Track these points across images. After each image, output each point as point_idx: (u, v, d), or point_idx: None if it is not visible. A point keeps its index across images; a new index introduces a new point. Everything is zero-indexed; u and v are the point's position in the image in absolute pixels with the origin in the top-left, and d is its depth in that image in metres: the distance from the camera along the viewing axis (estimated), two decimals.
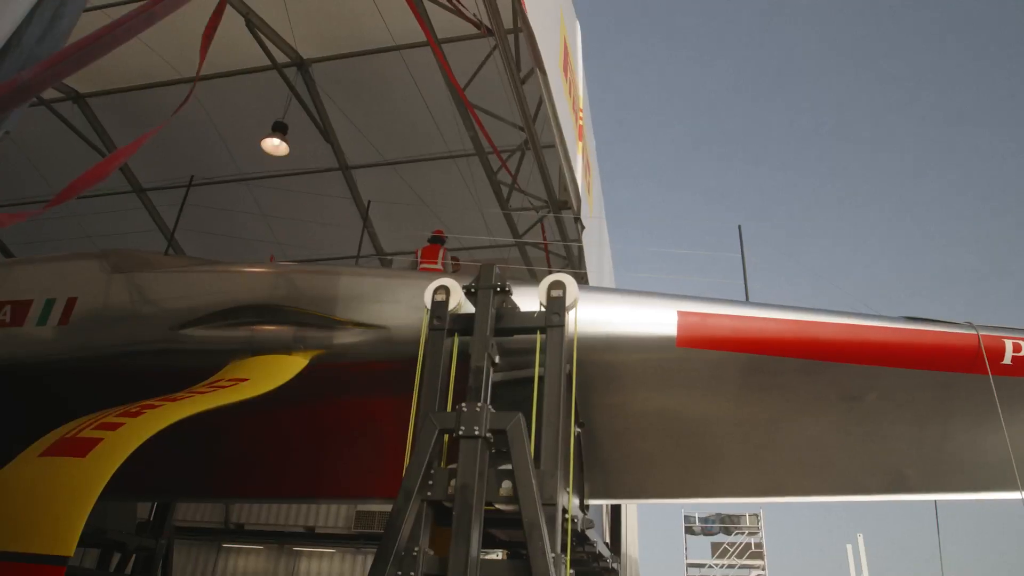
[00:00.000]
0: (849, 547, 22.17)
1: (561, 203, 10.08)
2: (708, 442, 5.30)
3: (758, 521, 22.76)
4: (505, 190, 10.60)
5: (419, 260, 8.66)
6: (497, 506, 3.81)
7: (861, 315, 4.88)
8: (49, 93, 11.13)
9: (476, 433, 3.82)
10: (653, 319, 4.91)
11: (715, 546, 22.94)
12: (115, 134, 11.94)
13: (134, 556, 7.89)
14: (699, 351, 4.79)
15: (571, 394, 4.27)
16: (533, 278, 11.26)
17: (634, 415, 5.24)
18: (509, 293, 4.51)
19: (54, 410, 5.58)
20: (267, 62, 10.04)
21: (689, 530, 23.28)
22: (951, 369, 4.63)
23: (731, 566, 22.49)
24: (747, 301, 5.28)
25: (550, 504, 3.71)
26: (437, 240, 9.36)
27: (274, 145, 10.27)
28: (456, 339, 4.45)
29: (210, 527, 15.37)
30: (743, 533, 22.78)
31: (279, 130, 10.18)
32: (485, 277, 4.46)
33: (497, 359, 4.29)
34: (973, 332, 4.72)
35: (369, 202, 9.50)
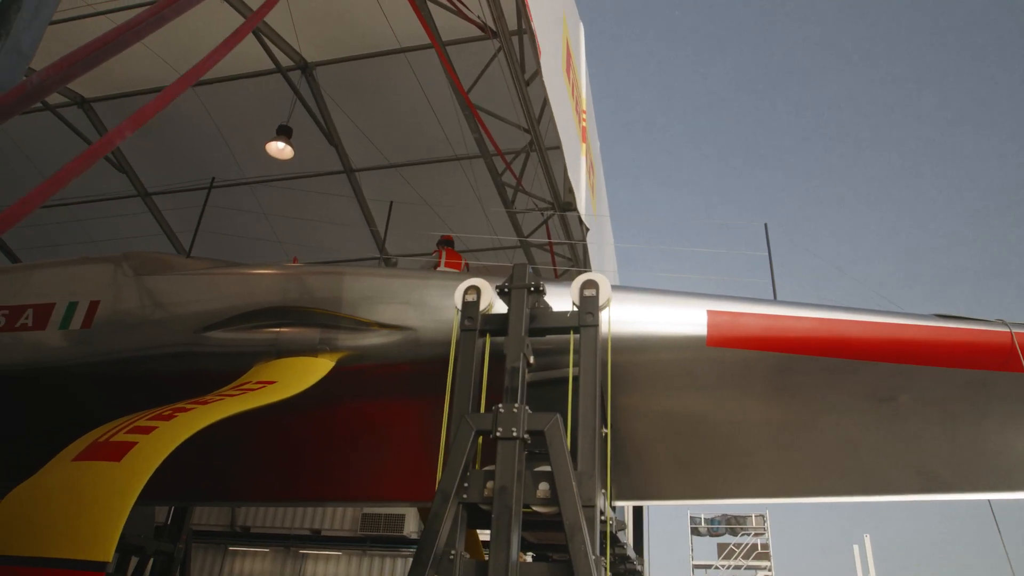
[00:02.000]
0: (856, 548, 22.13)
1: (566, 204, 10.10)
2: (736, 443, 5.24)
3: (764, 522, 22.66)
4: (510, 192, 10.61)
5: (440, 261, 8.67)
6: (534, 508, 3.77)
7: (892, 313, 4.84)
8: (53, 98, 11.14)
9: (514, 434, 3.79)
10: (682, 319, 4.86)
11: (721, 547, 22.86)
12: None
13: (152, 560, 7.86)
14: (729, 351, 4.74)
15: (606, 394, 4.23)
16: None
17: (661, 415, 5.19)
18: (543, 293, 4.47)
19: (76, 414, 5.57)
20: (271, 66, 10.05)
21: (695, 531, 23.21)
22: (984, 367, 4.59)
23: (737, 567, 22.39)
24: (775, 300, 5.25)
25: (589, 506, 3.68)
26: (450, 244, 9.39)
27: (279, 149, 10.27)
28: (488, 340, 4.40)
29: (217, 530, 15.40)
30: (749, 534, 22.69)
31: (283, 133, 10.19)
32: (519, 276, 4.42)
33: (532, 359, 4.26)
34: (1006, 330, 4.66)
35: (392, 203, 9.54)
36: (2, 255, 13.79)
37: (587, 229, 9.05)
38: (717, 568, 22.56)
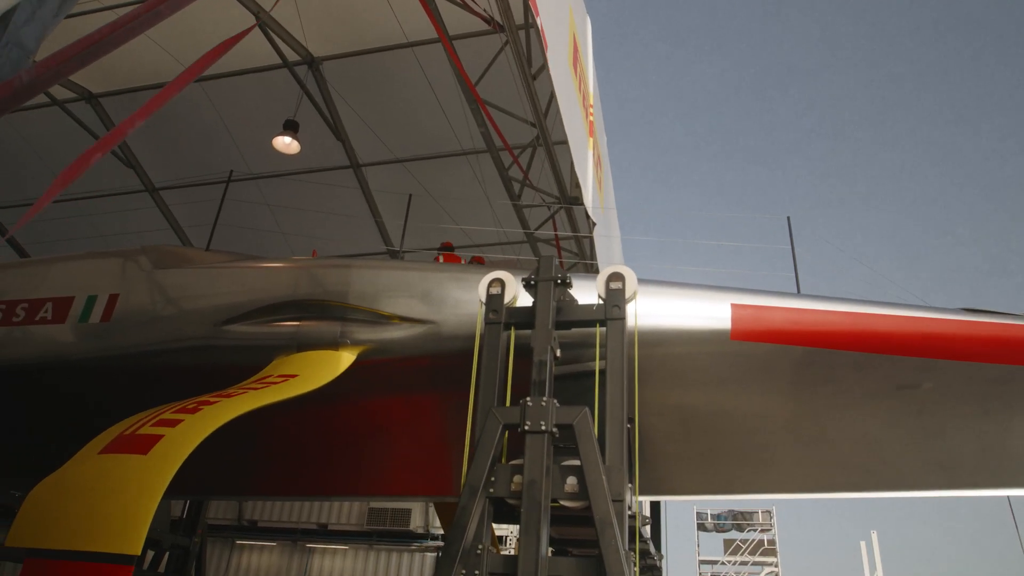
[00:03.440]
0: (863, 544, 22.16)
1: (573, 199, 10.08)
2: (757, 437, 5.19)
3: (771, 518, 22.63)
4: (516, 186, 10.59)
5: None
6: (562, 502, 3.76)
7: (918, 307, 4.79)
8: (62, 93, 11.13)
9: (542, 428, 3.76)
10: (706, 312, 4.82)
11: (728, 543, 22.80)
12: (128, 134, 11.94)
13: (167, 554, 7.90)
14: (754, 344, 4.70)
15: (633, 388, 4.22)
16: None
17: (683, 409, 5.15)
18: (569, 285, 4.44)
19: (95, 408, 5.54)
20: (278, 60, 10.03)
21: (701, 527, 23.14)
22: (1013, 362, 4.53)
23: (744, 563, 22.36)
24: (799, 293, 5.20)
25: (618, 500, 3.67)
26: (449, 250, 9.44)
27: (285, 143, 10.26)
28: (513, 333, 4.37)
29: (224, 524, 15.45)
30: (756, 530, 22.62)
31: (290, 128, 10.18)
32: (545, 269, 4.39)
33: (559, 352, 4.22)
34: None
35: (411, 196, 9.58)
36: (11, 250, 13.79)
37: (594, 224, 9.03)
38: (723, 564, 22.53)
